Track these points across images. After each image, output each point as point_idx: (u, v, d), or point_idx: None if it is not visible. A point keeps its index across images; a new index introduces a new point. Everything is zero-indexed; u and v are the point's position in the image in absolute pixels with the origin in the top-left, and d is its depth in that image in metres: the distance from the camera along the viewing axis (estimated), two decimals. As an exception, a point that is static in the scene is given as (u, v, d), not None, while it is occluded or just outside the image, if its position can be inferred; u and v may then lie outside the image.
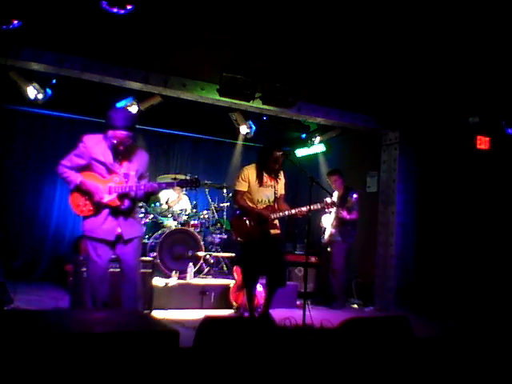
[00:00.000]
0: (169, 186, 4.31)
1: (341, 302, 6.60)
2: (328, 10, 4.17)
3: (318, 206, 4.67)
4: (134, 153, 4.13)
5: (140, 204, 6.42)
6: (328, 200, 4.69)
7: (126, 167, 4.07)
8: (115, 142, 3.93)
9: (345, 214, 6.49)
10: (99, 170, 4.02)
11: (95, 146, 3.99)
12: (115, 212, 4.03)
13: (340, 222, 6.59)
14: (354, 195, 6.53)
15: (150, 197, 4.52)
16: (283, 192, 4.94)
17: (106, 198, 3.97)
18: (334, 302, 6.59)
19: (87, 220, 4.02)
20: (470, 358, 3.70)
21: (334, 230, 6.66)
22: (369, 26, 4.40)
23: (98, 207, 3.99)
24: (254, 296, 4.87)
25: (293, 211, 4.66)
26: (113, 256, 4.12)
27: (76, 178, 3.99)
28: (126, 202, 4.06)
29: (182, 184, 4.20)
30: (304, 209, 4.61)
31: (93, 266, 4.02)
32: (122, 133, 3.91)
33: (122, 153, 4.03)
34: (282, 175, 4.95)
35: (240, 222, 4.75)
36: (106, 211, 4.00)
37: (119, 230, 4.02)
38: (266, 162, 4.76)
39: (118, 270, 4.21)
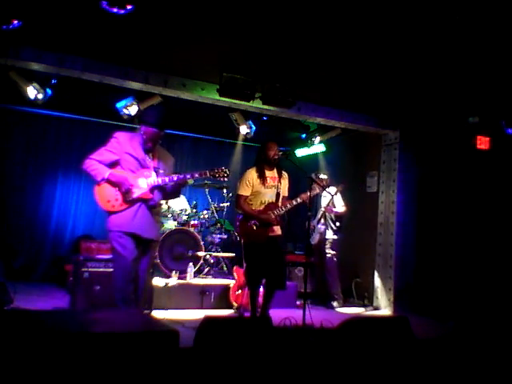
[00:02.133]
0: (201, 175, 4.33)
1: (337, 302, 6.60)
2: (328, 10, 4.17)
3: (316, 189, 4.75)
4: (162, 154, 4.27)
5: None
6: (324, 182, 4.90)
7: (156, 162, 4.17)
8: (145, 137, 4.04)
9: (329, 209, 6.58)
10: (129, 165, 4.06)
11: (128, 141, 4.08)
12: (146, 206, 4.04)
13: (327, 219, 6.63)
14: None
15: (180, 190, 4.55)
16: (286, 194, 4.96)
17: (137, 192, 3.98)
18: (331, 301, 6.59)
19: (115, 216, 3.97)
20: (470, 358, 3.70)
21: (323, 228, 6.67)
22: (369, 26, 4.40)
23: (130, 201, 3.98)
24: (257, 297, 4.86)
25: (298, 199, 4.68)
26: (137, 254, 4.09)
27: (105, 171, 3.99)
28: (157, 196, 4.12)
29: (213, 174, 4.30)
30: (304, 195, 4.65)
31: (123, 261, 3.93)
32: (152, 129, 4.03)
33: (151, 150, 4.13)
34: (285, 176, 4.97)
35: (246, 226, 4.77)
36: (136, 205, 4.00)
37: (145, 228, 4.04)
38: (264, 154, 4.79)
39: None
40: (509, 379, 3.40)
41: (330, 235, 6.67)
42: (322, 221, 6.70)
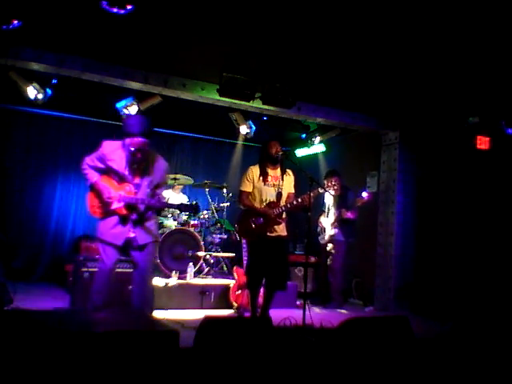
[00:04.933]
0: (170, 207, 4.40)
1: (337, 302, 6.60)
2: (328, 10, 4.17)
3: (319, 190, 4.69)
4: (152, 161, 4.17)
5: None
6: (325, 185, 4.76)
7: (140, 177, 4.11)
8: (133, 149, 3.98)
9: (349, 214, 6.50)
10: (114, 176, 4.10)
11: (111, 153, 4.06)
12: (124, 219, 4.09)
13: (342, 222, 6.60)
14: (365, 193, 6.50)
15: (160, 211, 4.66)
16: (292, 190, 4.91)
17: (114, 205, 4.03)
18: (329, 302, 6.59)
19: (101, 222, 4.11)
20: (470, 358, 3.70)
21: (336, 230, 6.66)
22: (369, 26, 4.40)
23: (107, 212, 4.06)
24: (257, 297, 4.86)
25: (299, 199, 4.64)
26: (121, 257, 4.25)
27: (92, 177, 4.08)
28: (134, 212, 4.11)
29: (181, 208, 4.34)
30: (305, 196, 4.56)
31: (101, 265, 4.14)
32: (138, 139, 3.96)
33: (139, 161, 4.06)
34: (290, 173, 4.95)
35: (245, 223, 4.75)
36: (116, 217, 4.07)
37: (132, 235, 4.09)
38: (266, 153, 4.77)
39: (127, 270, 4.29)
40: (508, 379, 3.40)
41: (341, 238, 6.67)
42: (336, 223, 6.67)
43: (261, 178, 4.76)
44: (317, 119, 6.84)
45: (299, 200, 4.63)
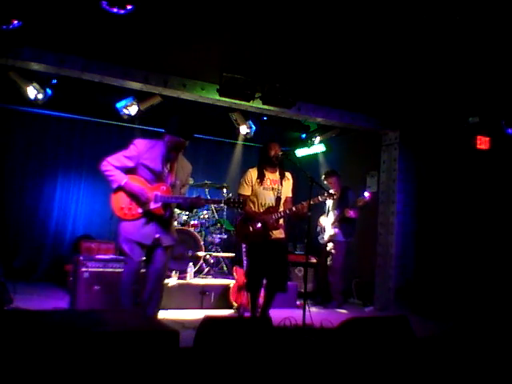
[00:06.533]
0: (215, 202, 4.36)
1: (337, 302, 6.60)
2: (328, 10, 4.17)
3: (319, 198, 4.68)
4: (181, 162, 4.26)
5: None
6: (325, 193, 4.71)
7: (173, 176, 4.16)
8: (169, 145, 4.03)
9: (352, 213, 6.50)
10: (146, 175, 4.09)
11: (147, 151, 4.07)
12: (157, 219, 4.11)
13: (343, 221, 6.60)
14: (367, 193, 6.52)
15: (193, 208, 4.76)
16: (290, 194, 4.91)
17: (152, 206, 4.04)
18: (329, 302, 6.59)
19: (126, 223, 4.06)
20: (470, 358, 3.70)
21: (336, 230, 6.66)
22: (369, 26, 4.40)
23: (143, 212, 4.05)
24: (257, 299, 4.85)
25: (293, 208, 4.64)
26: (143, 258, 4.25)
27: (121, 178, 4.01)
28: (169, 211, 4.16)
29: (228, 203, 4.35)
30: (304, 203, 4.55)
31: (130, 263, 4.10)
32: (178, 139, 4.02)
33: (171, 160, 4.12)
34: (289, 176, 4.93)
35: (243, 228, 4.75)
36: (148, 217, 4.08)
37: (157, 236, 4.11)
38: (266, 155, 4.76)
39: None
40: (508, 379, 3.40)
41: (341, 238, 6.66)
42: (337, 223, 6.67)
43: (258, 180, 4.75)
44: (317, 119, 6.84)
45: (298, 207, 4.62)
